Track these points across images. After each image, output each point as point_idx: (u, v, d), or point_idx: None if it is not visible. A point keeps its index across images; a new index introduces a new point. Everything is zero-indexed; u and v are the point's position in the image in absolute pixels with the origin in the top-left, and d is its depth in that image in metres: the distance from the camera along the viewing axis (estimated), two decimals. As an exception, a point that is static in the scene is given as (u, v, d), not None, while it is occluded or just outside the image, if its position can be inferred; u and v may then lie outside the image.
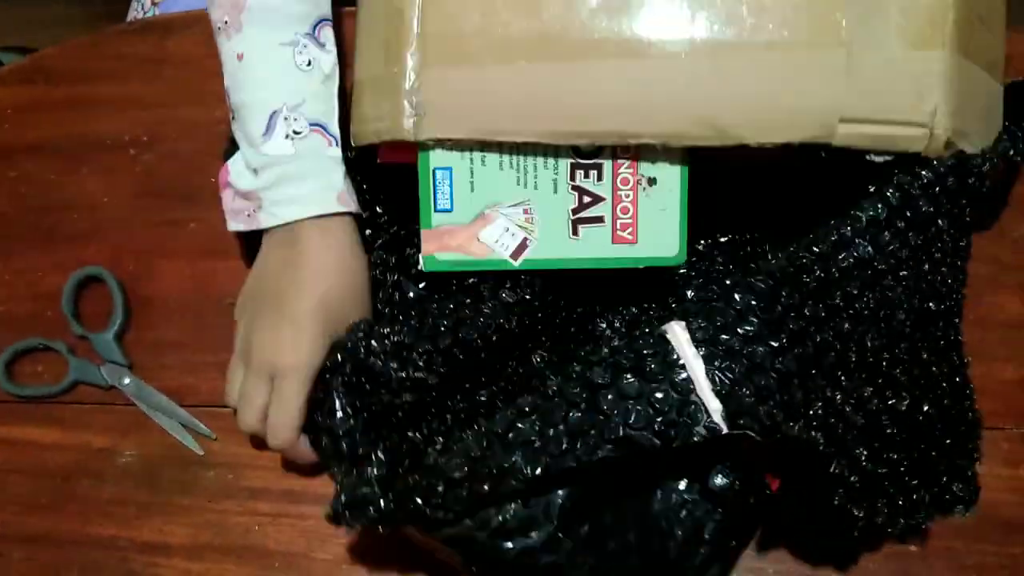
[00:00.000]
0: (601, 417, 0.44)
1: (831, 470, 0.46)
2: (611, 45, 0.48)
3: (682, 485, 0.50)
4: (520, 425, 0.45)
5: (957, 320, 0.53)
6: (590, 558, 0.47)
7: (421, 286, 0.58)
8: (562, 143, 0.49)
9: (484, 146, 0.50)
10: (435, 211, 0.51)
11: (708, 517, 0.50)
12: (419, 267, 0.52)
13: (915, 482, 0.49)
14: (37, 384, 0.63)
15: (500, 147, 0.50)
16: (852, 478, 0.46)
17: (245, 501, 0.59)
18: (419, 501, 0.46)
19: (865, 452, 0.46)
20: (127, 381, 0.61)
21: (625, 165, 0.51)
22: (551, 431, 0.45)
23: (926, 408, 0.49)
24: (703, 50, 0.47)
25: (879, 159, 0.48)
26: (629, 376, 0.44)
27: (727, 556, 0.52)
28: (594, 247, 0.52)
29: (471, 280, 0.54)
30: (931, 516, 0.49)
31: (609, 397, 0.44)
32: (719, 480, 0.49)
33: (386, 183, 0.56)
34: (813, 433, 0.45)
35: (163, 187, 0.66)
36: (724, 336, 0.44)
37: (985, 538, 0.55)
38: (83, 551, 0.58)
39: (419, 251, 0.52)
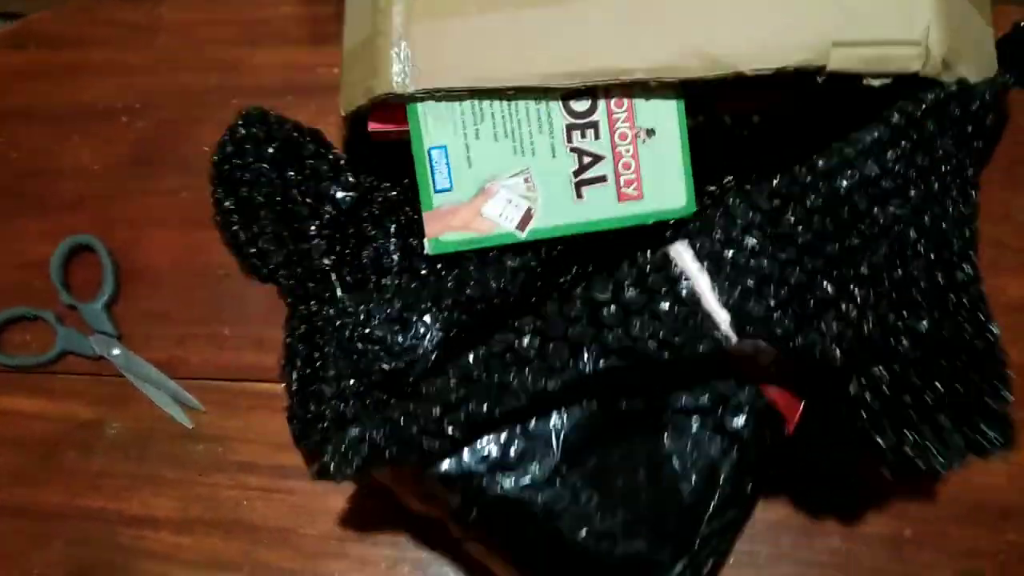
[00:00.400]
0: (604, 329, 0.43)
1: (851, 390, 0.45)
2: None
3: (695, 424, 0.49)
4: (518, 344, 0.44)
5: (972, 253, 0.52)
6: (596, 496, 0.46)
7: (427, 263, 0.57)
8: (555, 85, 0.48)
9: (477, 117, 0.49)
10: (435, 192, 0.50)
11: (724, 458, 0.48)
12: (425, 251, 0.50)
13: (944, 417, 0.48)
14: (24, 354, 0.62)
15: (493, 117, 0.49)
16: (873, 401, 0.45)
17: (235, 475, 0.58)
18: (414, 430, 0.44)
19: (885, 374, 0.46)
20: (116, 352, 0.61)
21: (622, 119, 0.50)
22: (550, 346, 0.43)
23: (945, 334, 0.48)
24: None
25: (876, 83, 0.48)
26: (631, 291, 0.43)
27: (744, 500, 0.50)
28: (600, 208, 0.50)
29: None
30: (964, 456, 0.49)
31: (612, 310, 0.43)
32: (735, 419, 0.48)
33: (378, 159, 0.55)
34: (827, 344, 0.44)
35: (155, 155, 0.65)
36: (729, 251, 0.43)
37: (980, 523, 0.55)
38: (70, 523, 0.58)
39: (423, 238, 0.51)
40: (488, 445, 0.46)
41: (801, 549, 0.55)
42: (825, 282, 0.45)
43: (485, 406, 0.44)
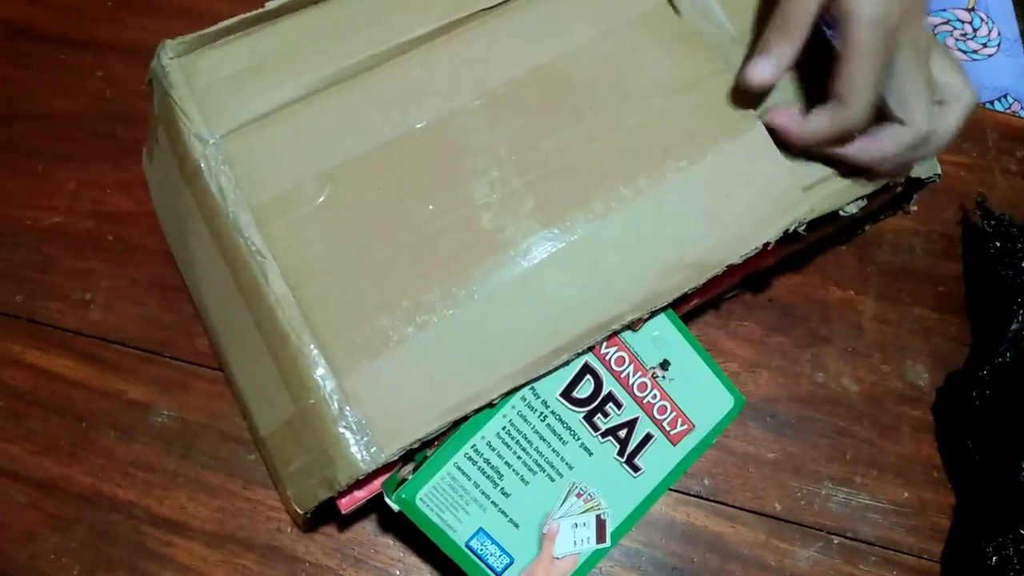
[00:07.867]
0: None
1: None
2: (539, 246, 0.42)
3: None
4: None
5: None
6: None
7: None
8: (543, 371, 0.42)
9: (495, 477, 0.43)
10: (499, 575, 0.44)
11: None
12: None
13: None
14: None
15: (509, 465, 0.43)
16: None
17: (282, 496, 0.53)
18: None
19: None
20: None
21: (631, 373, 0.45)
22: None
23: None
24: (639, 202, 0.43)
25: (854, 209, 0.46)
26: None
27: None
28: (662, 464, 0.46)
29: None
30: None
31: None
32: None
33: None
34: None
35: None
36: None
37: None
38: (95, 511, 0.52)
39: None
40: None
41: None
42: None
43: None
